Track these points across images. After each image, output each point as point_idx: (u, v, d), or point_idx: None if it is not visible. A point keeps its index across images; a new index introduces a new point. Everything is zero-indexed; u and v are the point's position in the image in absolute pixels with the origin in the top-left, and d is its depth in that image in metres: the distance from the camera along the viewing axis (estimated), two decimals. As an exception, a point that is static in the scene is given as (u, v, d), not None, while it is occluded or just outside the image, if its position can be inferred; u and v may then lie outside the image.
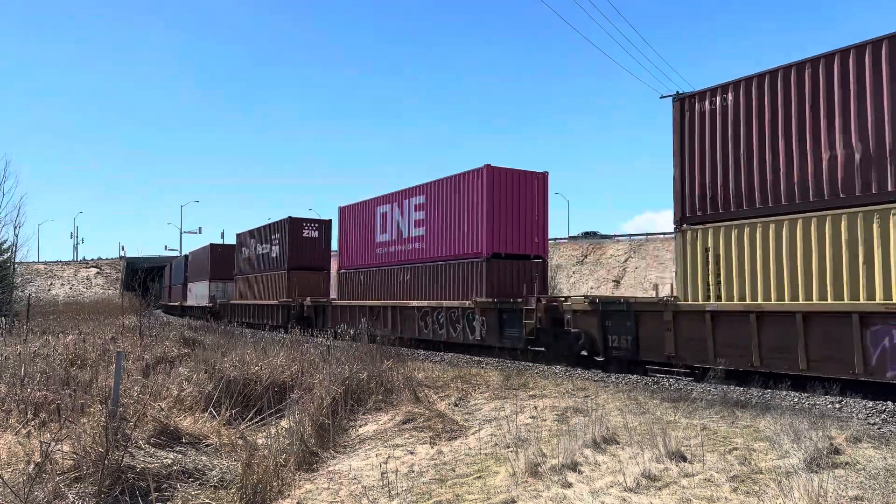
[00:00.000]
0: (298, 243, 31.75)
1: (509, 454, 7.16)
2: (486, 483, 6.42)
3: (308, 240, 32.11)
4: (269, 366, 11.60)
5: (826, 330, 10.88)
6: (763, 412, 8.97)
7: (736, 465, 6.46)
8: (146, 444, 7.43)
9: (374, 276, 25.05)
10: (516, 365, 15.66)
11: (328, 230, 32.85)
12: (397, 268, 23.36)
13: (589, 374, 14.38)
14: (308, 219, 32.67)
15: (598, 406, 9.55)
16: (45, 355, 12.83)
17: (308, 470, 7.42)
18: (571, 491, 6.00)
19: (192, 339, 17.75)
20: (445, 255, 20.78)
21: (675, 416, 8.82)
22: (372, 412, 9.85)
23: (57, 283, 79.29)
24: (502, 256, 19.37)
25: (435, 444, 8.09)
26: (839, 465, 6.41)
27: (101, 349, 13.93)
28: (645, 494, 5.78)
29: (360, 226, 26.34)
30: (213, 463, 7.26)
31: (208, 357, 12.72)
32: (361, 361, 11.78)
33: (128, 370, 11.02)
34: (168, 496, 6.51)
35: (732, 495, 5.68)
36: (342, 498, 6.37)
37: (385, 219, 24.47)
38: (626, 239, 61.35)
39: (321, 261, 32.59)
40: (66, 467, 6.53)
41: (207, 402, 9.50)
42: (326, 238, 32.75)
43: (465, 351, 19.34)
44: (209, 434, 8.20)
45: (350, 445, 8.47)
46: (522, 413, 9.40)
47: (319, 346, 14.75)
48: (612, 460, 6.79)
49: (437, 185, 21.48)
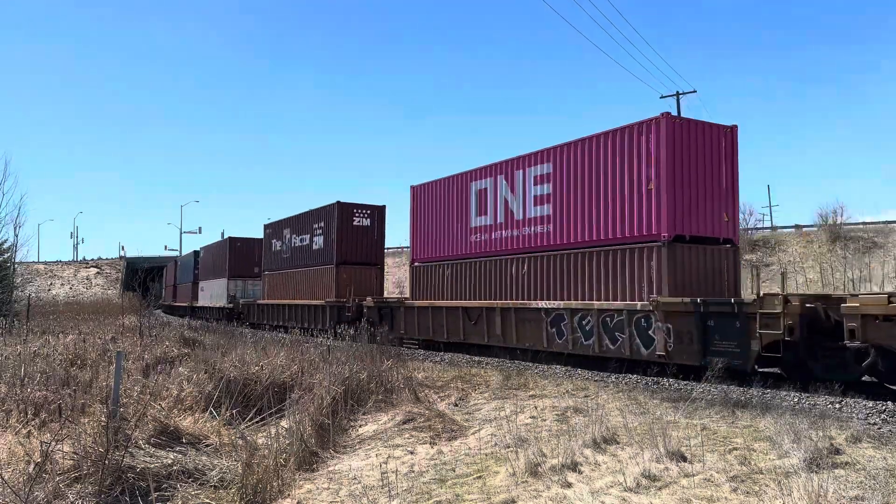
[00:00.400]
0: (348, 233, 27.26)
1: (509, 454, 7.17)
2: (486, 483, 6.42)
3: (359, 229, 27.61)
4: (270, 366, 11.60)
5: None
6: (763, 412, 8.97)
7: (736, 465, 6.47)
8: (146, 444, 7.43)
9: (467, 270, 19.73)
10: (516, 365, 15.62)
11: (381, 218, 28.31)
12: (506, 258, 18.13)
13: (589, 374, 14.33)
14: (359, 204, 27.91)
15: (598, 406, 9.56)
16: (45, 355, 12.83)
17: (308, 470, 7.43)
18: (571, 491, 6.00)
19: (192, 339, 17.76)
20: (589, 239, 15.69)
21: (675, 416, 8.82)
22: (372, 412, 9.85)
23: (57, 283, 79.30)
24: (686, 240, 14.26)
25: (435, 444, 8.09)
26: (839, 465, 6.41)
27: (101, 349, 13.93)
28: (645, 494, 5.79)
29: (445, 207, 21.06)
30: (213, 463, 7.26)
31: (208, 357, 12.72)
32: (361, 361, 11.79)
33: (128, 370, 11.03)
34: (168, 496, 6.51)
35: (732, 495, 5.68)
36: (342, 498, 6.37)
37: (484, 196, 19.25)
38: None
39: (374, 254, 28.02)
40: (67, 467, 6.53)
41: (207, 402, 9.51)
42: (380, 227, 28.24)
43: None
44: (209, 434, 8.21)
45: (350, 445, 8.48)
46: (522, 413, 9.40)
47: (319, 346, 14.75)
48: (612, 460, 6.79)
49: (573, 147, 16.29)
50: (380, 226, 28.20)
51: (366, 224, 27.78)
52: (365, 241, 27.75)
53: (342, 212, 27.32)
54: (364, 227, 27.71)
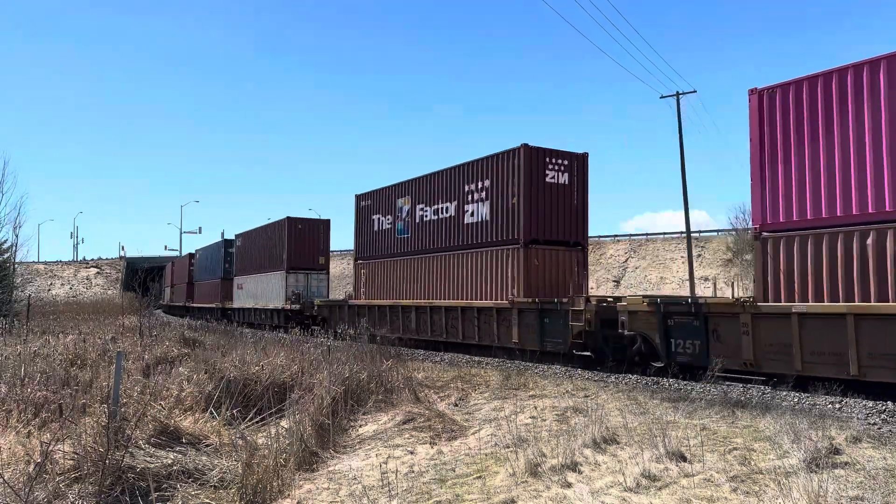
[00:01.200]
0: (538, 195, 17.67)
1: (509, 454, 7.17)
2: (486, 483, 6.43)
3: (554, 189, 17.94)
4: (270, 366, 11.60)
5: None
6: (763, 412, 8.97)
7: (736, 465, 6.47)
8: (146, 444, 7.43)
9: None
10: (516, 365, 15.65)
11: (583, 172, 18.58)
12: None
13: (589, 374, 14.38)
14: (554, 150, 18.13)
15: (598, 406, 9.56)
16: (45, 355, 12.85)
17: (308, 470, 7.43)
18: (571, 491, 6.00)
19: (193, 339, 17.76)
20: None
21: (674, 416, 8.82)
22: (372, 412, 9.85)
23: (57, 283, 79.32)
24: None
25: (435, 444, 8.09)
26: (839, 465, 6.42)
27: (102, 349, 13.94)
28: (645, 494, 5.79)
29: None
30: (213, 463, 7.26)
31: (208, 357, 12.73)
32: (361, 361, 11.79)
33: (128, 370, 11.03)
34: (168, 496, 6.51)
35: (732, 495, 5.68)
36: (342, 498, 6.37)
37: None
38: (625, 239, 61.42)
39: (576, 227, 18.54)
40: (67, 467, 6.53)
41: (207, 402, 9.50)
42: (582, 187, 18.63)
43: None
44: (209, 434, 8.21)
45: (350, 445, 8.48)
46: (522, 413, 9.41)
47: (319, 345, 14.75)
48: (612, 460, 6.79)
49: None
50: (581, 184, 18.64)
51: (563, 181, 18.16)
52: (562, 208, 18.22)
53: (530, 160, 17.53)
54: (561, 185, 18.15)
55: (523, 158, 17.55)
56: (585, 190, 18.79)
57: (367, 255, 25.18)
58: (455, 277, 20.02)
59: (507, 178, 18.07)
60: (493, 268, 18.50)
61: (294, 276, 31.60)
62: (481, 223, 19.09)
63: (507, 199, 18.03)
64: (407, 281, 22.43)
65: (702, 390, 11.28)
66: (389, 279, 23.48)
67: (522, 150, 17.56)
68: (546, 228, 17.94)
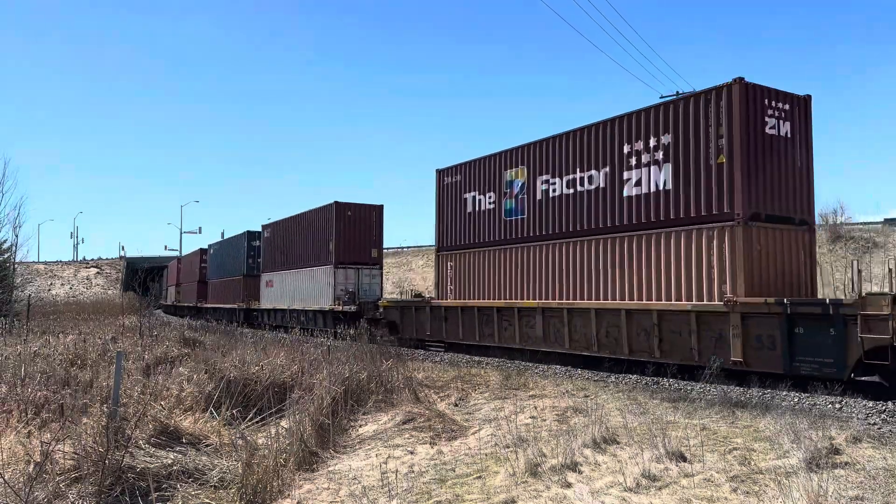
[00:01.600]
0: (754, 150, 12.75)
1: (509, 454, 7.17)
2: (486, 483, 6.43)
3: (773, 142, 13.04)
4: (270, 366, 11.60)
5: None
6: (763, 412, 8.98)
7: (736, 465, 6.47)
8: (146, 444, 7.43)
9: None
10: (516, 365, 15.64)
11: (807, 117, 13.72)
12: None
13: (589, 373, 14.34)
14: (773, 90, 13.28)
15: (598, 406, 9.56)
16: (45, 355, 12.85)
17: (308, 470, 7.43)
18: (571, 491, 6.00)
19: (193, 340, 17.77)
20: None
21: (674, 416, 8.83)
22: (372, 412, 9.85)
23: (57, 283, 79.30)
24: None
25: (435, 444, 8.09)
26: (839, 465, 6.42)
27: (102, 349, 13.94)
28: (645, 494, 5.79)
29: None
30: (213, 463, 7.26)
31: (208, 357, 12.73)
32: (361, 361, 11.79)
33: (128, 370, 11.03)
34: (168, 496, 6.51)
35: (732, 495, 5.68)
36: (342, 498, 6.37)
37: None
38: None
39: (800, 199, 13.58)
40: (67, 467, 6.53)
41: (207, 402, 9.50)
42: (806, 139, 13.68)
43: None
44: (209, 434, 8.21)
45: (350, 445, 8.48)
46: (522, 413, 9.41)
47: (319, 345, 14.76)
48: (612, 460, 6.80)
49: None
50: (805, 138, 13.75)
51: (784, 132, 13.34)
52: (785, 171, 13.36)
53: (746, 102, 12.81)
54: (783, 138, 13.32)
55: (739, 99, 12.70)
56: (810, 146, 13.80)
57: (456, 245, 20.03)
58: (607, 270, 15.02)
59: (706, 129, 13.24)
60: (682, 255, 13.49)
61: (343, 271, 26.36)
62: (656, 194, 14.17)
63: (708, 159, 13.14)
64: (522, 276, 17.40)
65: (701, 390, 11.27)
66: (493, 274, 18.43)
67: (737, 88, 12.74)
68: (768, 199, 12.97)
